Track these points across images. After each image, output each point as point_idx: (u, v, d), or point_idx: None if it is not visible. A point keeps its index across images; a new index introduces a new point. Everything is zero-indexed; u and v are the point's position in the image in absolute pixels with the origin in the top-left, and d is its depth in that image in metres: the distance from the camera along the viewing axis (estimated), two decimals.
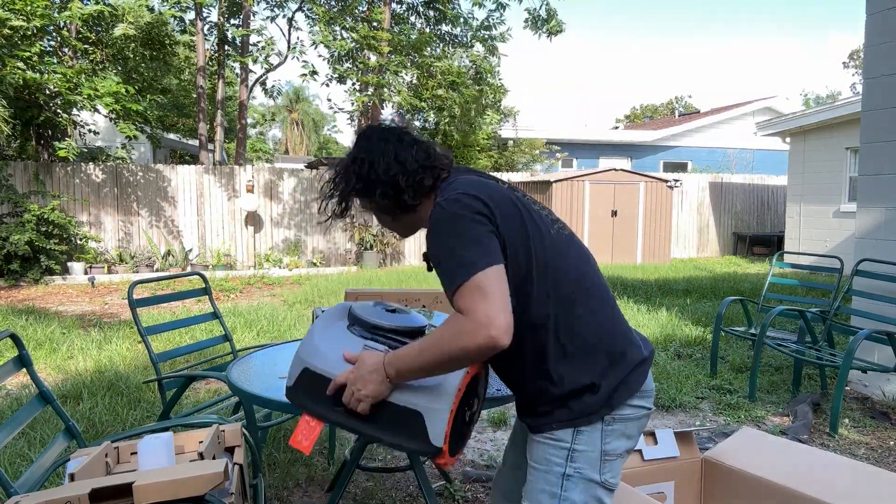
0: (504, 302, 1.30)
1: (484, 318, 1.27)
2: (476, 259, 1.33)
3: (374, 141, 1.57)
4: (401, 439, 1.41)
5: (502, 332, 1.27)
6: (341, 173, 1.59)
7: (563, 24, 13.36)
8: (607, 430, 1.44)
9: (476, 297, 1.29)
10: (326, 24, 12.25)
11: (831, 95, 39.16)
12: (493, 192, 1.46)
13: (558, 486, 1.43)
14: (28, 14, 9.35)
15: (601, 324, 1.47)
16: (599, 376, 1.43)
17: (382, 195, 1.55)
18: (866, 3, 4.57)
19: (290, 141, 38.75)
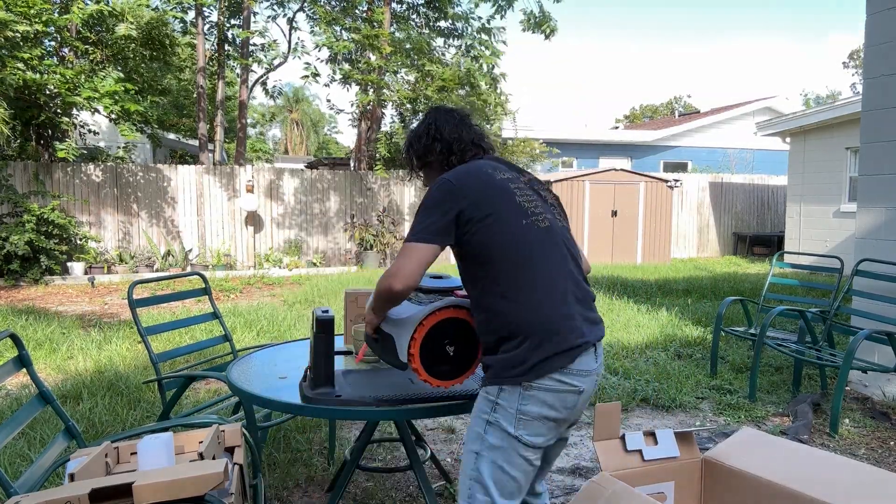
0: (413, 268, 1.73)
1: (395, 269, 1.74)
2: (420, 231, 1.76)
3: (430, 120, 2.05)
4: (388, 356, 1.94)
5: (397, 284, 1.73)
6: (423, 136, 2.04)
7: (556, 23, 13.35)
8: (525, 395, 1.72)
9: (402, 256, 1.75)
10: (328, 24, 12.25)
11: (831, 95, 39.17)
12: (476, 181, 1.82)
13: (482, 428, 1.77)
14: (31, 17, 9.36)
15: (539, 307, 1.74)
16: (526, 350, 1.71)
17: (433, 155, 2.01)
18: (866, 3, 4.57)
19: (289, 141, 38.76)
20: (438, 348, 1.91)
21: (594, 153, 18.43)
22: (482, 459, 1.76)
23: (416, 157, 2.05)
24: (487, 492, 1.75)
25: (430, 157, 2.01)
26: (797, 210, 12.46)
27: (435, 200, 1.78)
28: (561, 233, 1.86)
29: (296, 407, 2.09)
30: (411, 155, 2.08)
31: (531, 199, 1.85)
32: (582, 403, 1.80)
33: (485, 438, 1.76)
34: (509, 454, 1.74)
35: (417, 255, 1.73)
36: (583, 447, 3.58)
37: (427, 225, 1.76)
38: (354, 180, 12.77)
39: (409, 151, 2.08)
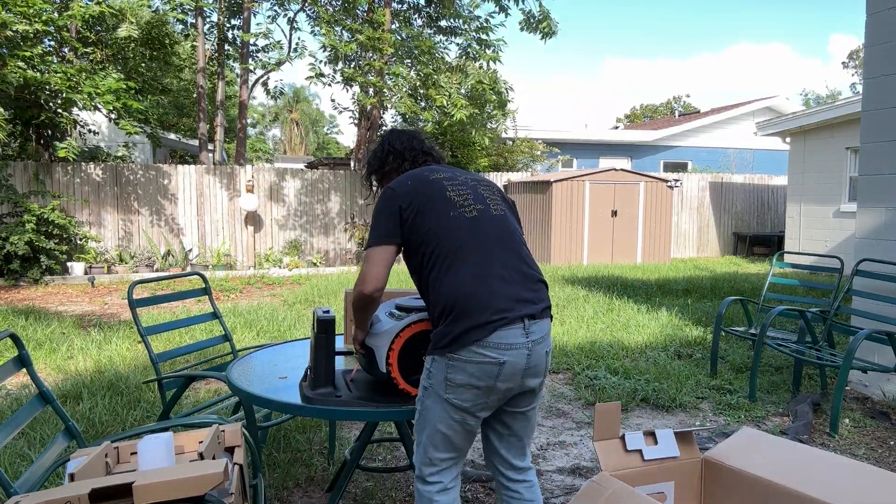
0: (378, 269, 1.99)
1: (361, 277, 2.00)
2: (372, 236, 2.02)
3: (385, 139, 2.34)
4: (370, 367, 2.12)
5: (366, 286, 1.98)
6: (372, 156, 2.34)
7: (557, 24, 13.33)
8: (450, 365, 1.91)
9: (367, 261, 2.01)
10: (328, 24, 12.24)
11: (831, 95, 39.16)
12: (412, 182, 2.07)
13: (422, 392, 1.99)
14: (30, 17, 9.36)
15: (460, 286, 1.93)
16: (448, 324, 1.91)
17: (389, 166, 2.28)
18: (866, 3, 4.57)
19: (289, 141, 38.75)
20: (415, 358, 2.06)
21: (594, 153, 18.43)
22: (421, 418, 1.99)
23: (374, 172, 2.31)
24: (426, 445, 2.01)
25: (386, 167, 2.27)
26: (797, 210, 12.46)
27: (380, 207, 2.04)
28: (494, 221, 2.05)
29: (296, 407, 2.09)
30: (370, 171, 2.33)
31: (463, 192, 2.07)
32: (507, 375, 1.92)
33: (422, 400, 1.98)
34: (441, 415, 1.96)
35: (377, 257, 1.99)
36: (583, 447, 3.58)
37: (379, 230, 2.01)
38: (355, 181, 12.76)
39: (368, 169, 2.34)
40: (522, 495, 2.14)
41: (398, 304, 2.18)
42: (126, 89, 10.34)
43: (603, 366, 5.01)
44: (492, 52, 13.21)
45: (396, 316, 2.10)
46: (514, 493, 2.13)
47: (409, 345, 2.03)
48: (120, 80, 10.27)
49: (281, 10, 14.09)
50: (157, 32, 12.02)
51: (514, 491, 2.13)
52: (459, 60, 13.62)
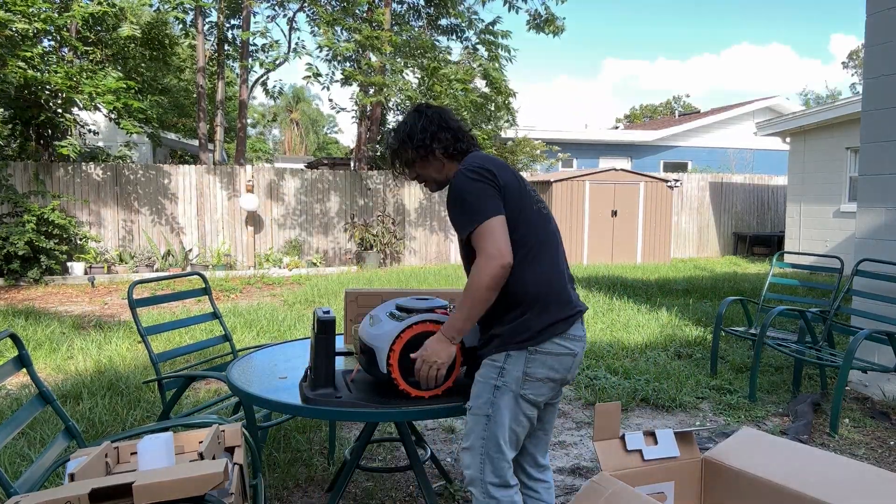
0: (506, 239, 1.85)
1: (494, 251, 1.82)
2: (486, 210, 1.86)
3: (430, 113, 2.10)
4: (371, 368, 2.07)
5: (507, 259, 1.83)
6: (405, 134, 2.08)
7: (563, 20, 13.34)
8: (530, 358, 1.91)
9: (488, 238, 1.84)
10: (328, 24, 12.24)
11: (831, 95, 39.16)
12: (500, 165, 1.98)
13: (491, 393, 1.93)
14: (30, 16, 9.36)
15: (547, 279, 1.94)
16: (533, 316, 1.90)
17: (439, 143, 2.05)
18: (866, 3, 4.57)
19: (289, 141, 38.75)
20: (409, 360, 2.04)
21: (594, 153, 18.43)
22: (493, 422, 1.93)
23: (417, 149, 2.06)
24: (500, 448, 1.93)
25: (436, 145, 2.04)
26: (797, 210, 12.46)
27: (476, 184, 1.89)
28: (554, 221, 2.09)
29: (296, 408, 2.09)
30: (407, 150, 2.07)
31: (531, 188, 2.06)
32: (575, 366, 2.00)
33: (493, 402, 1.92)
34: (515, 412, 1.93)
35: (498, 228, 1.85)
36: (583, 447, 3.58)
37: (485, 204, 1.86)
38: (355, 180, 12.76)
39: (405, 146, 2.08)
40: (541, 496, 2.16)
41: (399, 304, 2.17)
42: (126, 89, 10.34)
43: (603, 366, 5.01)
44: (502, 53, 13.25)
45: (397, 317, 2.09)
46: (533, 493, 2.15)
47: (410, 346, 2.03)
48: (120, 80, 10.27)
49: (280, 10, 14.10)
50: (157, 32, 12.02)
51: (533, 491, 2.15)
52: (463, 58, 13.63)
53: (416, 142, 2.05)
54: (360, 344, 2.15)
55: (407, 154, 2.08)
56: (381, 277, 10.41)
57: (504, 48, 13.62)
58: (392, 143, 2.12)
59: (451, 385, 2.09)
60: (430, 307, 2.12)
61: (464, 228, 1.90)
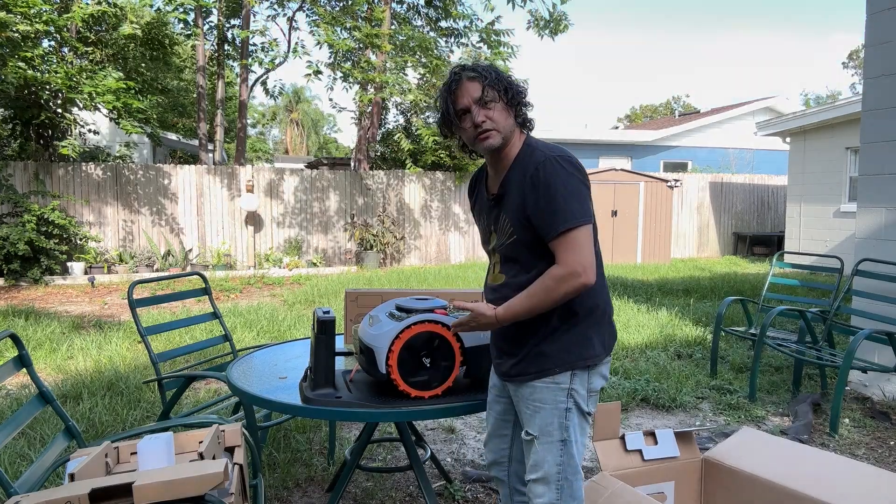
0: (591, 254, 1.72)
1: (580, 267, 1.70)
2: (583, 213, 1.72)
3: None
4: (370, 368, 2.07)
5: (591, 279, 1.72)
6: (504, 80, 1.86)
7: (571, 24, 13.34)
8: (592, 372, 1.84)
9: (574, 247, 1.70)
10: (328, 24, 12.24)
11: (831, 95, 39.16)
12: (584, 168, 1.83)
13: (563, 416, 1.82)
14: (31, 17, 9.37)
15: (605, 291, 1.89)
16: (600, 326, 1.84)
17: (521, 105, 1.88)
18: (866, 3, 4.57)
19: (289, 141, 38.76)
20: (415, 360, 2.05)
21: (594, 153, 18.43)
22: (569, 445, 1.83)
23: (511, 94, 1.84)
24: (577, 471, 1.86)
25: (523, 106, 1.88)
26: (797, 210, 12.46)
27: (576, 179, 1.75)
28: None
29: (296, 408, 2.09)
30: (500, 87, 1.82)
31: None
32: None
33: (566, 426, 1.83)
34: (584, 430, 1.89)
35: (587, 240, 1.73)
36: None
37: (584, 206, 1.74)
38: (355, 180, 12.76)
39: (499, 82, 1.83)
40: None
41: (398, 304, 2.16)
42: (126, 89, 10.33)
43: None
44: (505, 50, 13.24)
45: (397, 317, 2.08)
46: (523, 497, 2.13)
47: (409, 346, 2.03)
48: (120, 80, 10.27)
49: (280, 10, 14.10)
50: (157, 32, 12.02)
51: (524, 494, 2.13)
52: (464, 57, 13.64)
53: (510, 87, 1.84)
54: (359, 344, 2.15)
55: (493, 93, 1.82)
56: (381, 277, 10.41)
57: (507, 45, 13.61)
58: (479, 72, 1.82)
59: (451, 385, 2.09)
60: (429, 307, 2.11)
61: (550, 226, 1.72)
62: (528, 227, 1.79)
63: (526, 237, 1.80)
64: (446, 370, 2.08)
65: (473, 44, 14.20)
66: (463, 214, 13.55)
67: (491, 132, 1.82)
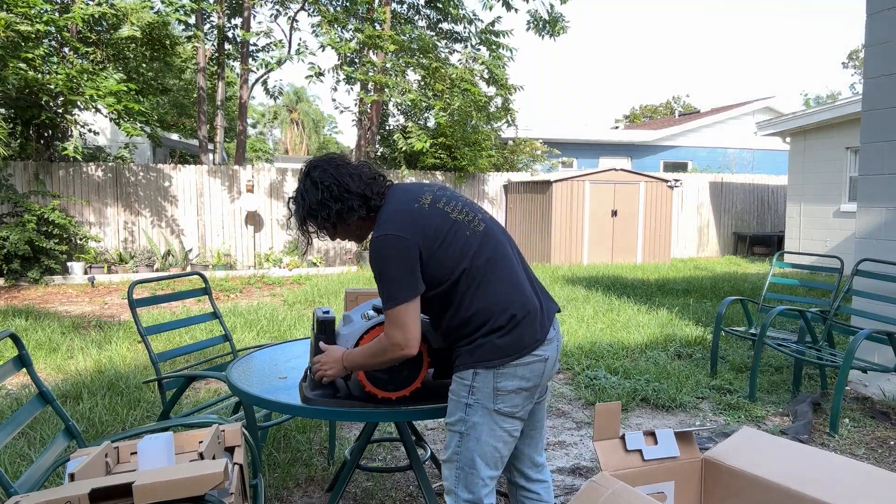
0: (414, 327, 1.85)
1: (402, 341, 1.85)
2: (397, 293, 1.83)
3: (327, 181, 1.94)
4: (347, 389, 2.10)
5: (411, 349, 1.86)
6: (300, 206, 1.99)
7: (568, 25, 13.34)
8: (499, 373, 1.88)
9: (396, 325, 1.84)
10: (329, 24, 12.24)
11: (831, 95, 39.15)
12: (418, 222, 1.88)
13: (463, 411, 1.91)
14: (31, 18, 9.37)
15: (502, 297, 1.90)
16: (502, 334, 1.87)
17: (350, 214, 1.96)
18: (866, 3, 4.57)
19: (289, 141, 38.76)
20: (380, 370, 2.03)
21: (594, 153, 18.43)
22: (466, 438, 1.91)
23: (333, 219, 1.96)
24: (474, 465, 1.92)
25: (347, 216, 1.95)
26: (797, 210, 12.46)
27: (395, 258, 1.84)
28: (494, 227, 2.02)
29: (295, 408, 2.09)
30: (321, 222, 1.97)
31: (461, 208, 1.98)
32: (549, 369, 1.96)
33: (466, 419, 1.91)
34: (491, 427, 1.91)
35: (411, 315, 1.84)
36: (583, 447, 3.58)
37: (404, 283, 1.83)
38: None
39: (316, 219, 1.97)
40: (541, 496, 2.15)
41: (375, 304, 2.17)
42: (127, 91, 10.33)
43: (603, 366, 5.01)
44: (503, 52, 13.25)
45: (369, 317, 2.09)
46: (533, 495, 2.15)
47: None
48: (121, 82, 10.26)
49: (282, 10, 14.10)
50: (157, 33, 12.01)
51: (532, 492, 2.15)
52: (464, 58, 13.64)
53: (321, 219, 1.96)
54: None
55: (316, 225, 2.00)
56: None
57: (505, 47, 13.62)
58: (297, 216, 2.00)
59: (419, 386, 2.07)
60: None
61: (382, 301, 1.88)
62: None
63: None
64: (412, 371, 2.06)
65: (473, 45, 14.21)
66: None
67: (347, 240, 2.08)
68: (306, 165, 2.00)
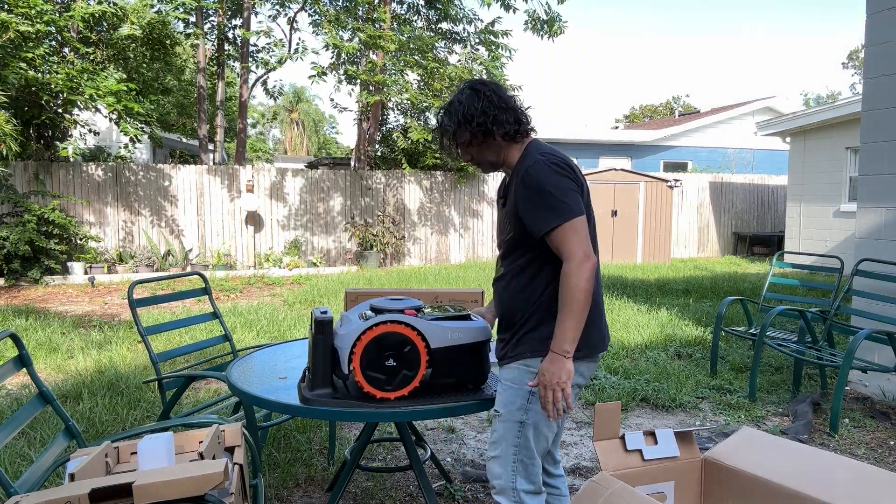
0: (588, 240, 1.80)
1: (582, 254, 1.77)
2: (572, 207, 1.79)
3: (488, 91, 1.93)
4: (337, 368, 2.05)
5: (595, 260, 1.79)
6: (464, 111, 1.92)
7: (566, 25, 13.33)
8: None
9: (573, 237, 1.77)
10: (330, 23, 12.24)
11: (831, 95, 39.15)
12: (578, 176, 1.89)
13: (526, 399, 1.89)
14: (32, 18, 9.37)
15: (599, 288, 1.94)
16: (590, 328, 1.88)
17: (500, 127, 1.91)
18: (866, 3, 4.57)
19: (289, 141, 38.75)
20: (380, 361, 2.02)
21: (594, 153, 18.42)
22: (527, 428, 1.90)
23: (475, 133, 1.92)
24: (533, 456, 1.93)
25: (496, 129, 1.90)
26: (797, 210, 12.46)
27: (561, 179, 1.81)
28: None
29: (295, 408, 2.09)
30: (464, 132, 1.93)
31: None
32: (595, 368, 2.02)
33: (528, 408, 1.89)
34: (549, 422, 1.92)
35: (582, 227, 1.79)
36: (583, 447, 3.58)
37: (571, 200, 1.80)
38: (356, 180, 12.77)
39: (462, 129, 1.93)
40: (560, 490, 2.21)
41: (372, 304, 2.15)
42: (127, 91, 10.33)
43: (603, 366, 5.01)
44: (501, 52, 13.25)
45: (366, 317, 2.06)
46: (554, 490, 2.20)
47: (371, 347, 1.99)
48: (121, 82, 10.26)
49: (282, 10, 14.10)
50: (157, 33, 12.01)
51: (553, 487, 2.20)
52: (463, 58, 13.65)
53: (474, 125, 1.90)
54: None
55: (464, 136, 1.94)
56: (381, 277, 10.41)
57: (504, 47, 13.63)
58: (446, 124, 1.95)
59: (418, 385, 2.05)
60: (400, 308, 2.09)
61: (543, 223, 1.80)
62: (521, 225, 1.89)
63: (519, 235, 1.91)
64: (410, 370, 2.04)
65: (472, 45, 14.22)
66: (462, 215, 13.55)
67: (479, 166, 2.04)
68: (465, 81, 2.02)
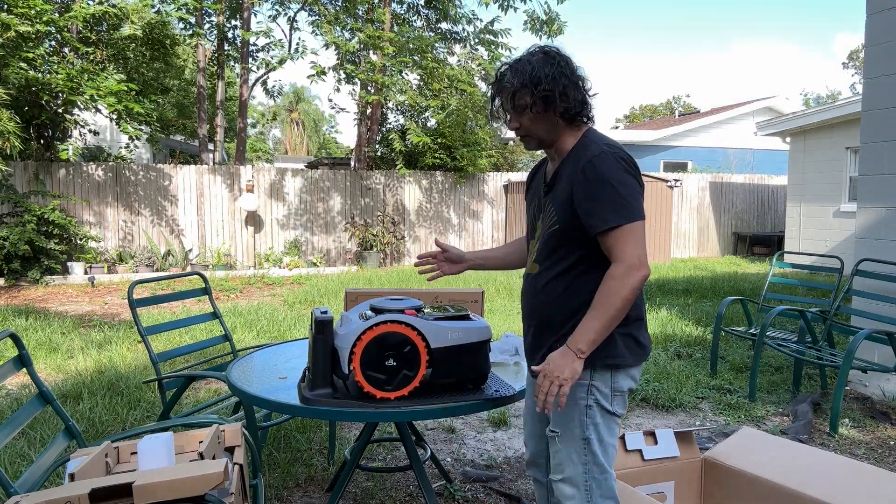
0: (643, 248, 1.67)
1: (637, 260, 1.66)
2: (636, 209, 1.69)
3: (561, 61, 1.79)
4: (337, 368, 2.03)
5: (648, 271, 1.67)
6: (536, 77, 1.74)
7: (565, 24, 13.34)
8: (616, 372, 1.79)
9: (631, 241, 1.66)
10: (329, 23, 12.24)
11: (831, 95, 39.15)
12: (639, 174, 1.78)
13: (584, 413, 1.79)
14: (32, 18, 9.37)
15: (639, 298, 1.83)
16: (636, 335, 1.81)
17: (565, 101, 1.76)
18: (866, 3, 4.57)
19: (289, 141, 38.76)
20: (380, 361, 2.00)
21: None
22: (591, 444, 1.79)
23: (538, 99, 1.75)
24: (605, 469, 1.81)
25: (561, 102, 1.75)
26: (797, 210, 12.46)
27: (627, 172, 1.71)
28: None
29: (295, 408, 2.09)
30: (525, 96, 1.75)
31: None
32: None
33: (587, 423, 1.79)
34: (611, 428, 1.82)
35: (642, 234, 1.69)
36: None
37: (635, 202, 1.69)
38: (356, 180, 12.77)
39: (524, 91, 1.75)
40: None
41: (373, 304, 2.14)
42: (127, 91, 10.33)
43: None
44: (501, 52, 13.26)
45: (366, 317, 2.05)
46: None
47: (371, 347, 1.98)
48: (121, 82, 10.26)
49: (282, 10, 14.10)
50: (157, 33, 12.01)
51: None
52: (462, 58, 13.65)
53: (540, 90, 1.73)
54: None
55: (523, 99, 1.76)
56: (380, 277, 10.41)
57: (504, 46, 13.63)
58: (508, 80, 1.77)
59: (418, 385, 2.03)
60: (401, 308, 2.07)
61: (601, 221, 1.68)
62: (572, 218, 1.76)
63: (568, 228, 1.78)
64: (410, 370, 2.02)
65: (472, 45, 14.22)
66: (461, 215, 13.55)
67: (525, 137, 1.85)
68: (538, 46, 1.84)
